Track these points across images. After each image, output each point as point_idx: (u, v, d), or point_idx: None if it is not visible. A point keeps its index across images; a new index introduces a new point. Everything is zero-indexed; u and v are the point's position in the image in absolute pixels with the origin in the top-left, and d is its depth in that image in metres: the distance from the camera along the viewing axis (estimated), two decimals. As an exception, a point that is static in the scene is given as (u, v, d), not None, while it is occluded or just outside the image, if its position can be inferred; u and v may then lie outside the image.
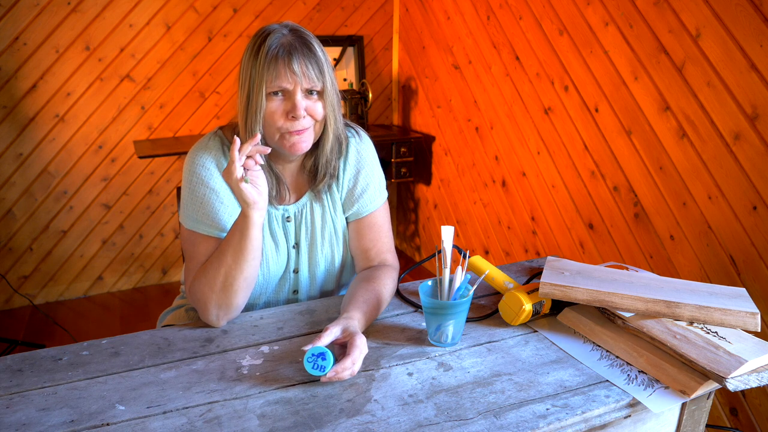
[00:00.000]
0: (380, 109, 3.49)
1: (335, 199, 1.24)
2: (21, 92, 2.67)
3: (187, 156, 1.16)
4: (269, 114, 1.07)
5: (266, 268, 1.19)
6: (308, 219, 1.22)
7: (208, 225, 1.12)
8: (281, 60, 1.04)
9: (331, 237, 1.24)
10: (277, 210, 1.20)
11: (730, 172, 1.65)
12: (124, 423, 0.82)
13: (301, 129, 1.09)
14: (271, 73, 1.04)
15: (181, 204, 1.16)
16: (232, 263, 1.04)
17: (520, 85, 2.45)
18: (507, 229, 2.70)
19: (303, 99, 1.07)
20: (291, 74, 1.05)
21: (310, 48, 1.07)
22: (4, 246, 2.82)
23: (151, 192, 3.05)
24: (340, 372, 0.91)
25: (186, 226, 1.14)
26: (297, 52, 1.05)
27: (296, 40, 1.06)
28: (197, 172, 1.13)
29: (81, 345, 1.03)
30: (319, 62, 1.07)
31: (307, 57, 1.06)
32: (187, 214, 1.14)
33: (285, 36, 1.07)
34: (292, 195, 1.22)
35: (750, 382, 0.89)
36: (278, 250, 1.20)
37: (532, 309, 1.09)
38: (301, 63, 1.05)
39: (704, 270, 1.77)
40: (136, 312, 2.93)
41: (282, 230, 1.21)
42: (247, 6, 2.97)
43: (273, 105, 1.07)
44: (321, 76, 1.08)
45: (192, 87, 2.98)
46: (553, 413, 0.86)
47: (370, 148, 1.27)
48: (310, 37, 1.09)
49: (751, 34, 1.55)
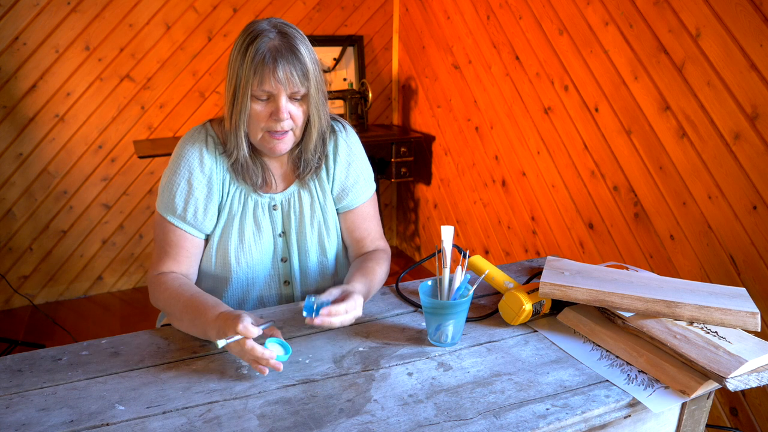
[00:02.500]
0: (380, 109, 3.49)
1: (325, 190, 1.27)
2: (21, 92, 2.67)
3: (176, 146, 1.23)
4: (254, 114, 1.12)
5: (249, 256, 1.22)
6: (296, 208, 1.26)
7: (177, 216, 1.17)
8: (267, 66, 1.07)
9: (320, 226, 1.27)
10: (263, 198, 1.23)
11: (730, 172, 1.65)
12: (123, 423, 0.82)
13: (281, 132, 1.13)
14: (257, 78, 1.08)
15: (159, 189, 1.21)
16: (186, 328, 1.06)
17: (520, 84, 2.45)
18: (507, 228, 2.70)
19: (287, 103, 1.11)
20: (275, 81, 1.08)
21: (296, 54, 1.09)
22: (4, 246, 2.83)
23: (151, 192, 3.05)
24: (333, 313, 0.96)
25: (157, 209, 1.20)
26: (282, 58, 1.07)
27: (283, 45, 1.08)
28: (178, 162, 1.19)
29: (81, 345, 1.03)
30: (304, 67, 1.09)
31: (292, 63, 1.08)
32: (161, 200, 1.19)
33: (272, 40, 1.08)
34: (280, 184, 1.26)
35: (750, 382, 0.89)
36: (261, 238, 1.23)
37: (532, 309, 1.09)
38: (286, 69, 1.07)
39: (704, 270, 1.77)
40: (136, 312, 2.93)
41: (269, 218, 1.24)
42: (247, 6, 2.97)
43: (258, 107, 1.12)
44: (305, 81, 1.10)
45: (192, 87, 2.98)
46: (553, 413, 0.86)
47: (357, 141, 1.32)
48: (297, 41, 1.10)
49: (751, 34, 1.55)
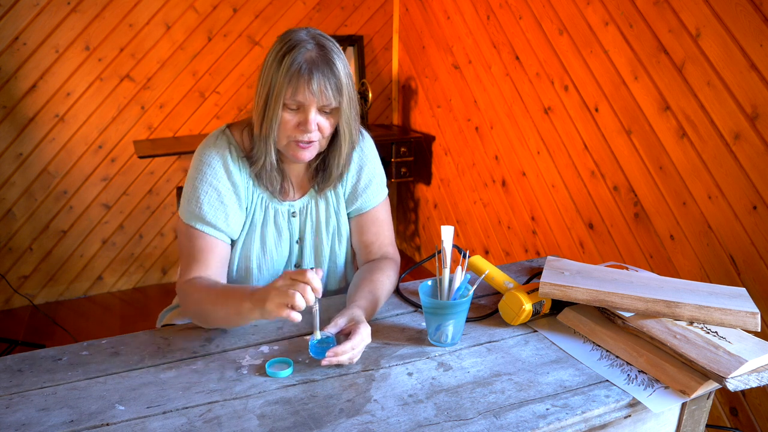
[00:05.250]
0: (380, 109, 3.49)
1: (339, 196, 1.28)
2: (21, 92, 2.67)
3: (196, 152, 1.19)
4: (283, 123, 1.11)
5: (270, 263, 1.23)
6: (313, 215, 1.26)
7: (206, 223, 1.14)
8: (302, 77, 1.06)
9: (334, 233, 1.28)
10: (282, 205, 1.23)
11: (730, 172, 1.65)
12: (123, 423, 0.82)
13: (308, 142, 1.12)
14: (291, 89, 1.06)
15: (183, 198, 1.18)
16: (220, 318, 1.05)
17: (520, 84, 2.45)
18: (507, 229, 2.70)
19: (316, 115, 1.10)
20: (309, 93, 1.07)
21: (332, 67, 1.08)
22: (4, 246, 2.82)
23: (151, 192, 3.05)
24: (339, 354, 0.93)
25: (184, 220, 1.16)
26: (318, 70, 1.06)
27: (320, 57, 1.07)
28: (202, 169, 1.16)
29: (81, 345, 1.03)
30: (338, 82, 1.08)
31: (327, 77, 1.07)
32: (188, 208, 1.16)
33: (309, 51, 1.07)
34: (297, 191, 1.25)
35: (750, 382, 0.89)
36: (281, 245, 1.24)
37: (532, 309, 1.09)
38: (320, 82, 1.06)
39: (704, 270, 1.77)
40: (136, 312, 2.92)
41: (287, 226, 1.24)
42: (246, 6, 2.97)
43: (287, 116, 1.10)
44: (338, 96, 1.09)
45: (192, 87, 2.97)
46: (553, 413, 0.86)
47: (371, 145, 1.31)
48: (334, 54, 1.09)
49: (751, 34, 1.55)
